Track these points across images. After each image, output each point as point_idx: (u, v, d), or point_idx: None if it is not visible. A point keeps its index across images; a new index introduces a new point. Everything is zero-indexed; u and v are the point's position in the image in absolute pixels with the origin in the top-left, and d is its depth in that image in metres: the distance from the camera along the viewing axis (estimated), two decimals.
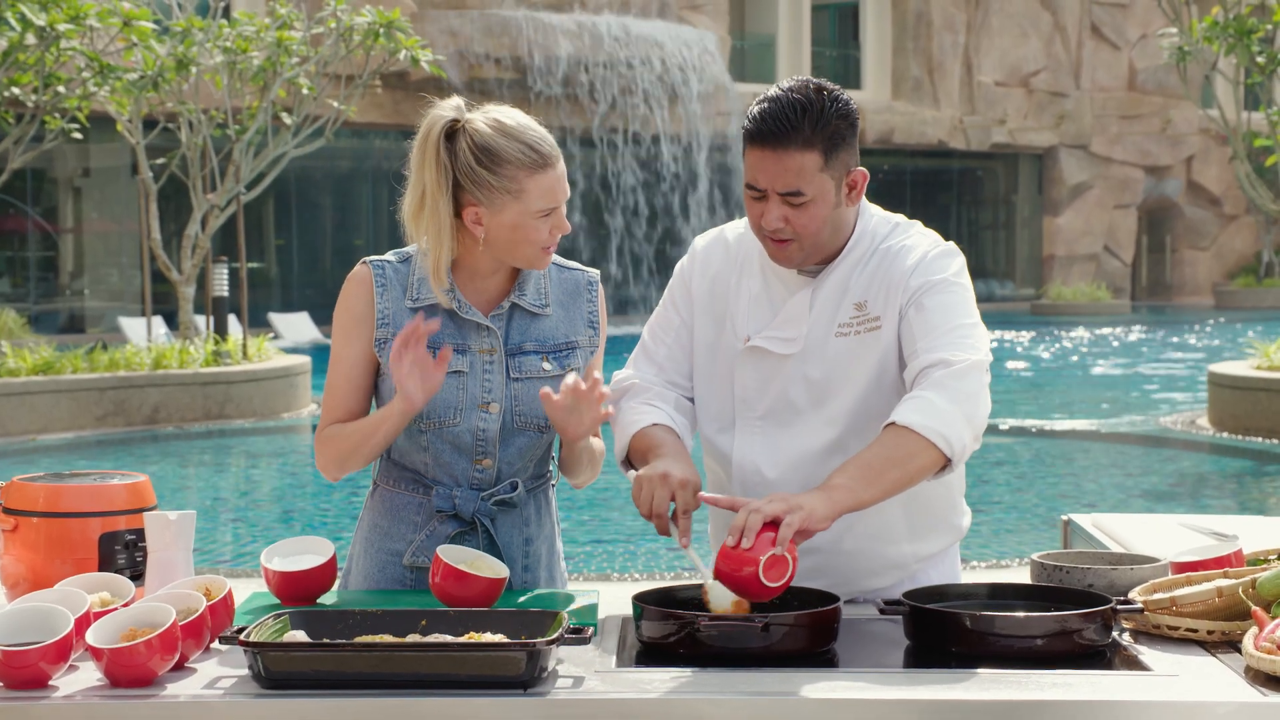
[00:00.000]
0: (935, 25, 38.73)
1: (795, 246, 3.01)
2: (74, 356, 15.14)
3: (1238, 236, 43.81)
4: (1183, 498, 11.08)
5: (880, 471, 2.82)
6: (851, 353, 3.06)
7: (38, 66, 15.12)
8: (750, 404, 3.14)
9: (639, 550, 9.06)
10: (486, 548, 3.21)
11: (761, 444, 3.12)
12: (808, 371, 3.08)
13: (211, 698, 2.46)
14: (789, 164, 2.93)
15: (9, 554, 3.09)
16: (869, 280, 3.07)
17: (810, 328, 3.08)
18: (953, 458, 2.87)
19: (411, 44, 16.64)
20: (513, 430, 3.19)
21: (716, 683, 2.51)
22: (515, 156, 3.05)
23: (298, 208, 31.95)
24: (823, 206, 2.97)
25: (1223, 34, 16.58)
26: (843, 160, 2.98)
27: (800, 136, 2.92)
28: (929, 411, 2.85)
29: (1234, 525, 3.85)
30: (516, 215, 3.07)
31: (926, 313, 2.98)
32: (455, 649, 2.49)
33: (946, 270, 3.03)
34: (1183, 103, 39.48)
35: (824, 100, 2.94)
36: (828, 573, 3.12)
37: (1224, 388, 14.31)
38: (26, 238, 29.78)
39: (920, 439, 2.84)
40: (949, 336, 2.95)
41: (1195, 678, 2.54)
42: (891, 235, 3.11)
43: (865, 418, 3.06)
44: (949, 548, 3.27)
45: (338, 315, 3.21)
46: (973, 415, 2.89)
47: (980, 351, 2.94)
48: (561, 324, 3.24)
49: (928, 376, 2.91)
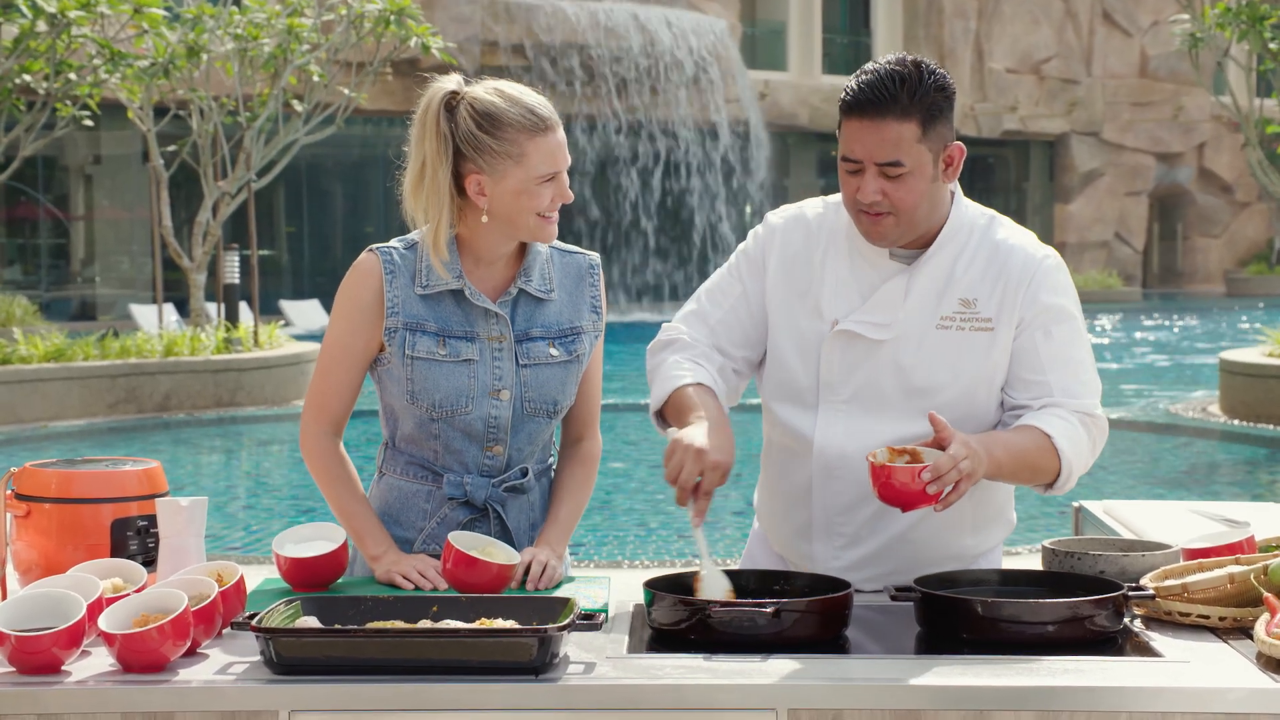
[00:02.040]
0: (946, 12, 38.65)
1: (892, 221, 2.98)
2: (85, 344, 15.16)
3: (1249, 224, 43.71)
4: (1194, 485, 11.06)
5: (1026, 466, 2.97)
6: (955, 347, 3.05)
7: (49, 54, 15.12)
8: (834, 387, 3.10)
9: (650, 537, 9.06)
10: (498, 533, 3.21)
11: (845, 427, 3.10)
12: (900, 359, 3.06)
13: (223, 683, 2.47)
14: (887, 134, 2.91)
15: (21, 540, 3.10)
16: (979, 276, 3.05)
17: (907, 315, 3.06)
18: (1055, 489, 3.02)
19: (422, 31, 16.62)
20: (523, 416, 3.19)
21: (728, 668, 2.51)
22: (516, 120, 3.05)
23: (309, 195, 31.98)
24: (920, 179, 2.95)
25: (1235, 20, 16.52)
26: (940, 133, 2.96)
27: (898, 106, 2.91)
28: (1075, 446, 2.99)
29: (1245, 512, 3.84)
30: (519, 181, 3.06)
31: (1055, 343, 3.05)
32: (467, 635, 2.50)
33: (1067, 290, 3.09)
34: (1195, 89, 39.40)
35: (921, 72, 2.94)
36: (892, 559, 3.12)
37: (1235, 375, 14.29)
38: (38, 225, 29.83)
39: (1056, 463, 2.98)
40: (1079, 377, 3.06)
41: (1207, 664, 2.54)
42: (992, 228, 3.11)
43: (965, 414, 3.05)
44: (1000, 541, 3.29)
45: (342, 303, 3.18)
46: (1087, 466, 3.05)
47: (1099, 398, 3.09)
48: (566, 309, 3.24)
49: (1076, 415, 3.01)
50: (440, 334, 3.13)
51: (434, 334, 3.13)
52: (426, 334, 3.13)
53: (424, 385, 3.13)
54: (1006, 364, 3.06)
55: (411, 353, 3.13)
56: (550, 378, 3.19)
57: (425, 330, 3.14)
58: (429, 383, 3.13)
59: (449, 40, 18.72)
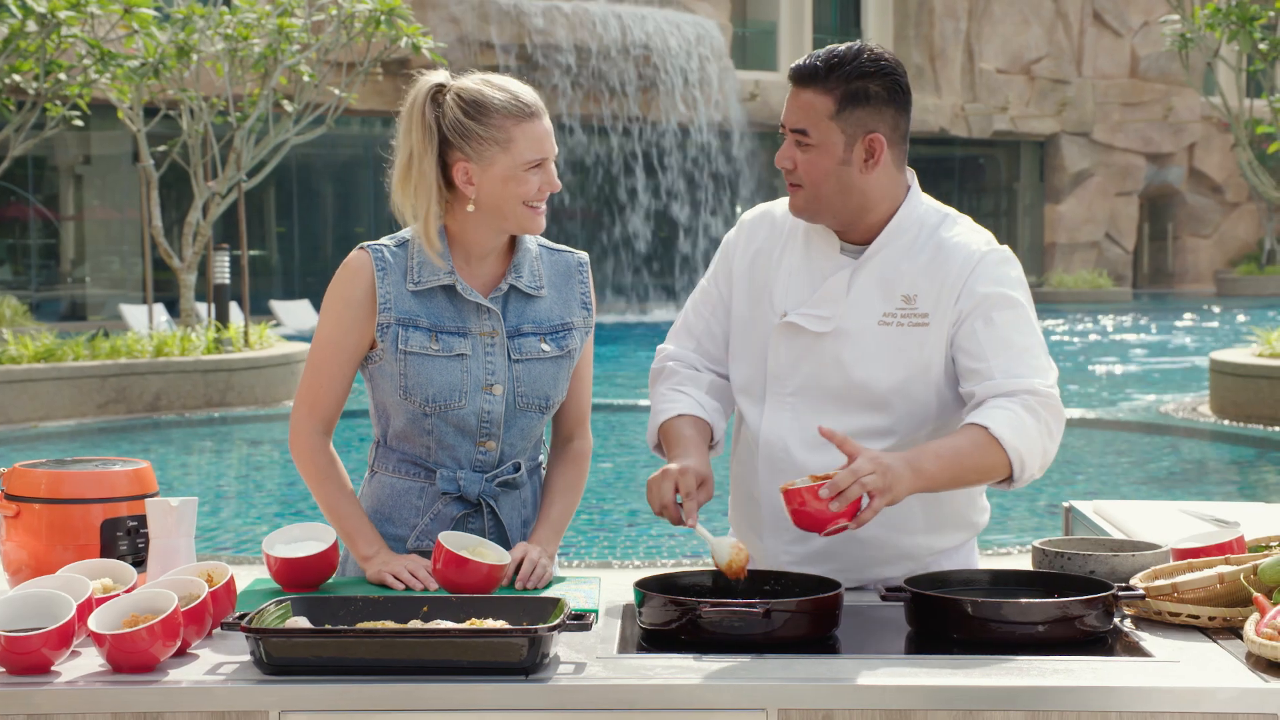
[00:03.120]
0: (937, 12, 38.68)
1: (802, 194, 3.05)
2: (75, 344, 15.14)
3: (1240, 224, 43.78)
4: (1184, 484, 11.08)
5: (963, 470, 2.90)
6: (893, 344, 3.05)
7: (39, 54, 15.10)
8: (782, 380, 3.13)
9: (640, 537, 9.06)
10: (492, 528, 3.22)
11: (790, 421, 3.12)
12: (841, 353, 3.07)
13: (213, 683, 2.46)
14: (801, 101, 3.02)
15: (11, 540, 3.09)
16: (919, 273, 3.06)
17: (849, 309, 3.07)
18: (1017, 481, 2.95)
19: (413, 31, 16.60)
20: (516, 411, 3.20)
21: (718, 668, 2.52)
22: (502, 106, 3.07)
23: (299, 195, 31.94)
24: (825, 156, 3.00)
25: (1225, 21, 16.55)
26: (859, 119, 3.00)
27: (819, 80, 3.00)
28: (1020, 433, 2.91)
29: (1235, 512, 3.85)
30: (506, 168, 3.07)
31: (997, 329, 3.00)
32: (457, 635, 2.49)
33: (1009, 281, 3.05)
34: (1185, 90, 39.45)
35: (860, 57, 3.01)
36: (839, 558, 3.12)
37: (1225, 375, 14.31)
38: (28, 225, 29.77)
39: (1003, 455, 2.90)
40: (1024, 359, 2.99)
41: (1196, 664, 2.55)
42: (942, 227, 3.11)
43: (902, 408, 3.06)
44: (965, 543, 3.28)
45: (333, 302, 3.18)
46: (1047, 450, 2.96)
47: (1053, 377, 3.01)
48: (556, 306, 3.25)
49: (1019, 399, 2.94)
50: (433, 329, 3.13)
51: (426, 329, 3.14)
52: (419, 329, 3.14)
53: (417, 380, 3.13)
54: (941, 360, 3.05)
55: (405, 348, 3.13)
56: (542, 373, 3.20)
57: (418, 326, 3.14)
58: (422, 378, 3.13)
59: (440, 40, 18.72)
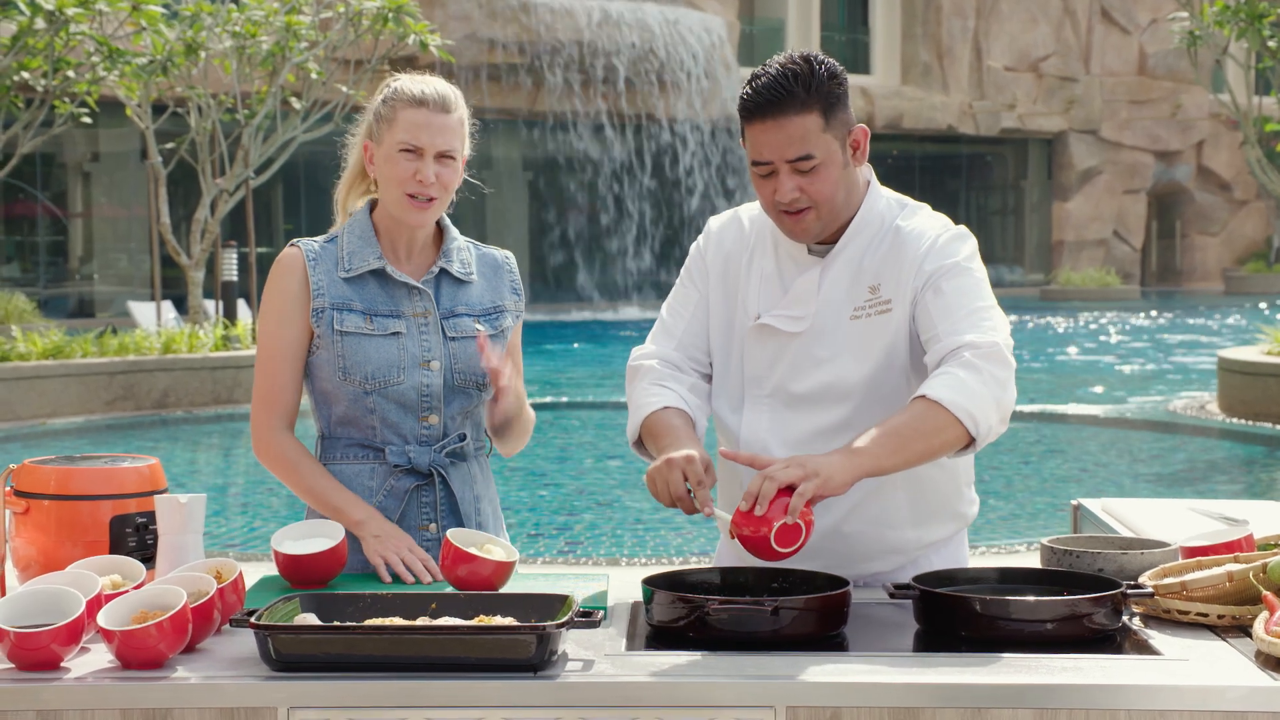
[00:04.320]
0: (944, 10, 38.65)
1: (813, 215, 3.01)
2: (84, 341, 15.15)
3: (1248, 222, 43.71)
4: (1192, 483, 11.06)
5: (906, 440, 2.83)
6: (862, 336, 3.07)
7: (47, 51, 15.12)
8: (759, 382, 3.15)
9: (648, 535, 9.06)
10: (444, 499, 3.31)
11: (769, 422, 3.13)
12: (815, 351, 3.08)
13: (222, 680, 2.47)
14: (792, 130, 2.93)
15: (21, 537, 3.10)
16: (881, 263, 3.07)
17: (821, 307, 3.08)
18: (977, 437, 2.88)
19: (420, 28, 16.62)
20: (454, 388, 3.30)
21: (726, 666, 2.51)
22: (403, 91, 3.26)
23: (306, 192, 31.95)
24: (832, 167, 2.98)
25: (1234, 18, 16.53)
26: (842, 119, 2.99)
27: (796, 101, 2.93)
28: (960, 389, 2.85)
29: (1244, 510, 3.85)
30: (387, 147, 3.25)
31: (944, 296, 2.99)
32: (465, 632, 2.49)
33: (959, 254, 3.04)
34: (1193, 87, 39.41)
35: (811, 64, 2.96)
36: (826, 554, 3.11)
37: (1234, 373, 14.29)
38: (36, 222, 29.80)
39: (948, 414, 2.84)
40: (970, 319, 2.96)
41: (1205, 662, 2.54)
42: (902, 217, 3.12)
43: (874, 399, 3.07)
44: (954, 535, 3.27)
45: (269, 299, 3.30)
46: (1000, 399, 2.90)
47: (1002, 334, 2.96)
48: (487, 292, 3.39)
49: (957, 357, 2.91)
50: (367, 312, 3.27)
51: (360, 312, 3.27)
52: (353, 312, 3.27)
53: (355, 360, 3.24)
54: (905, 345, 3.06)
55: (340, 328, 3.25)
56: (476, 351, 3.29)
57: (351, 309, 3.27)
58: (359, 356, 3.24)
59: (447, 38, 18.72)
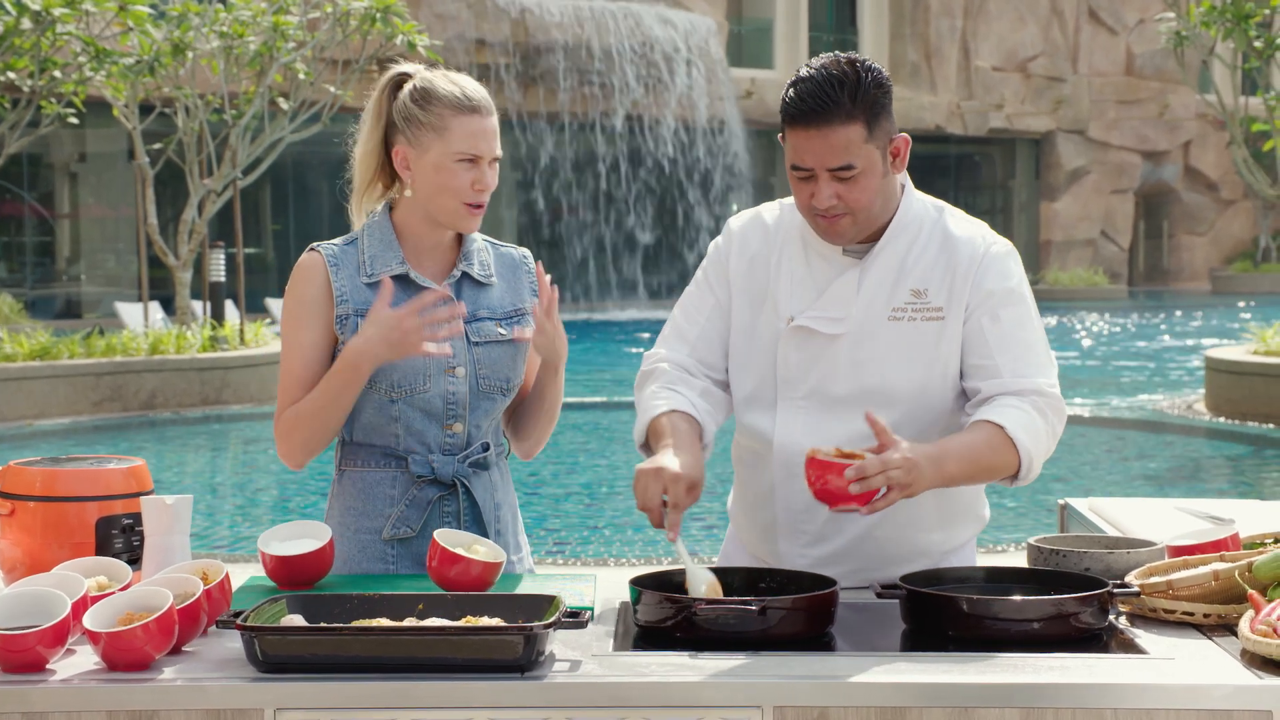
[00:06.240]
0: (933, 10, 38.69)
1: (849, 221, 2.99)
2: (71, 342, 15.13)
3: (1235, 221, 43.81)
4: (1179, 482, 11.08)
5: (982, 468, 2.93)
6: (906, 339, 3.05)
7: (34, 51, 15.08)
8: (793, 384, 3.11)
9: (636, 536, 9.06)
10: (468, 510, 3.27)
11: (804, 424, 3.10)
12: (854, 354, 3.06)
13: (209, 681, 2.46)
14: (834, 140, 2.91)
15: (6, 538, 3.09)
16: (929, 267, 3.06)
17: (860, 309, 3.06)
18: (1018, 481, 2.98)
19: (408, 29, 16.60)
20: (479, 394, 3.25)
21: (714, 666, 2.51)
22: (446, 96, 3.16)
23: (294, 193, 31.91)
24: (872, 177, 2.96)
25: (1220, 18, 16.57)
26: (884, 129, 2.96)
27: (842, 110, 2.89)
28: (1033, 434, 2.94)
29: (1230, 509, 3.85)
30: (439, 155, 3.15)
31: (1002, 325, 3.02)
32: (452, 633, 2.49)
33: (1013, 276, 3.07)
34: (1180, 88, 39.47)
35: (858, 72, 2.92)
36: (857, 557, 3.12)
37: (1221, 372, 14.33)
38: (23, 223, 29.75)
39: (1015, 454, 2.93)
40: (1031, 359, 3.02)
41: (1191, 660, 2.55)
42: (942, 219, 3.11)
43: (921, 406, 3.06)
44: (971, 538, 3.28)
45: (290, 304, 3.23)
46: (1049, 452, 3.01)
47: (1055, 379, 3.04)
48: (507, 294, 3.33)
49: (1028, 399, 2.97)
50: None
51: None
52: None
53: (381, 367, 3.16)
54: (957, 353, 3.06)
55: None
56: (501, 355, 3.26)
57: None
58: (385, 363, 3.16)
59: (435, 38, 18.70)
